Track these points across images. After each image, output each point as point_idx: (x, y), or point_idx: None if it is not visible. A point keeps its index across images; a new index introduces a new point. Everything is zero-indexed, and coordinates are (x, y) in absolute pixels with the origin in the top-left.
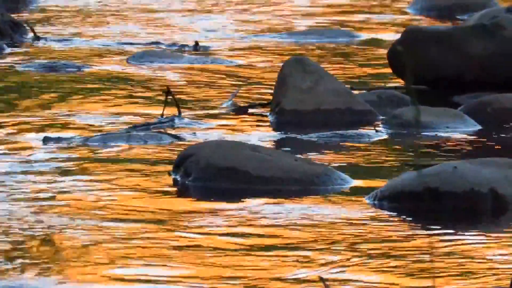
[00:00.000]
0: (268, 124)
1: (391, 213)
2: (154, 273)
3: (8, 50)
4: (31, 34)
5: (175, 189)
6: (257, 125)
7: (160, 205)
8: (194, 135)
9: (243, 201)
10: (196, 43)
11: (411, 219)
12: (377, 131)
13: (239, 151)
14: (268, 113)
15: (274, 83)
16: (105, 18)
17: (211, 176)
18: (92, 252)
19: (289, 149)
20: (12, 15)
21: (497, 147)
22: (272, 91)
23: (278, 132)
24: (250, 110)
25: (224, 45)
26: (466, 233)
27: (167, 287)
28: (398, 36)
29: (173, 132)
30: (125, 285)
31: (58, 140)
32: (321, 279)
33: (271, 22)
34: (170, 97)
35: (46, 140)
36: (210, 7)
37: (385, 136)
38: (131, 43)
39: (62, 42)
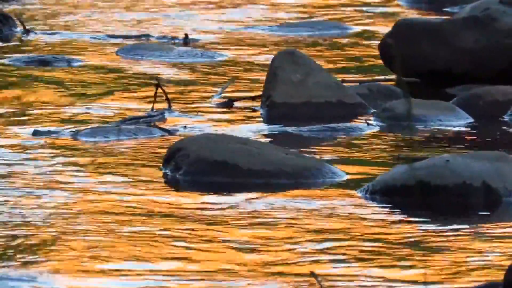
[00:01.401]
0: (258, 117)
1: (383, 206)
2: (142, 267)
3: None
4: (20, 28)
5: (165, 182)
6: (248, 119)
7: (150, 198)
8: (185, 129)
9: (233, 195)
10: (186, 35)
11: (403, 212)
12: (368, 124)
13: (230, 145)
14: (258, 106)
15: (264, 76)
16: (94, 11)
17: (202, 170)
18: (78, 246)
19: (280, 142)
20: (1, 8)
21: (489, 140)
22: (262, 84)
23: (268, 125)
24: (241, 103)
25: (214, 37)
26: (458, 227)
27: (155, 281)
28: (389, 28)
29: (163, 125)
30: (111, 278)
31: (48, 133)
32: (313, 274)
33: (262, 15)
34: (160, 90)
35: (36, 133)
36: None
37: (376, 129)
38: (120, 36)
39: (52, 35)
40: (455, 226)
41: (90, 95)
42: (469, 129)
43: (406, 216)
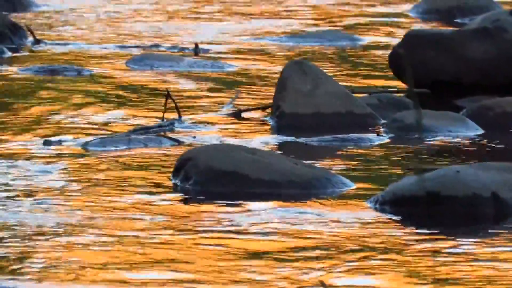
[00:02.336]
0: (268, 127)
1: (393, 217)
2: (155, 277)
3: (8, 53)
4: (30, 38)
5: (175, 192)
6: (258, 129)
7: (160, 208)
8: (194, 139)
9: (243, 205)
10: (196, 45)
11: (412, 223)
12: (378, 134)
13: (239, 155)
14: (268, 117)
15: (274, 86)
16: (104, 21)
17: (211, 179)
18: (91, 256)
19: (289, 152)
20: (12, 19)
21: (499, 151)
22: (272, 95)
23: (278, 136)
24: (250, 114)
25: (224, 48)
26: (468, 238)
27: None
28: (399, 39)
29: (173, 135)
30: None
31: (58, 143)
32: (322, 284)
33: (272, 25)
34: (170, 100)
35: (46, 143)
36: (210, 10)
37: (386, 140)
38: (130, 46)
39: (62, 46)
40: (465, 237)
41: (100, 105)
42: (479, 140)
43: (415, 226)
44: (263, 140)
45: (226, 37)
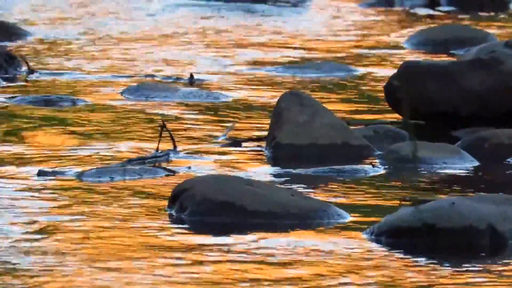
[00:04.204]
0: (264, 158)
1: (389, 248)
2: None
3: (3, 83)
4: (25, 67)
5: (170, 223)
6: (253, 160)
7: (156, 239)
8: (189, 169)
9: (239, 236)
10: (191, 75)
11: (408, 255)
12: (374, 166)
13: (235, 186)
14: (264, 147)
15: (270, 117)
16: (99, 51)
17: (207, 210)
18: (81, 285)
19: (286, 183)
20: (6, 48)
21: (495, 183)
22: (268, 125)
23: (274, 167)
24: (246, 144)
25: (220, 78)
26: (464, 270)
27: None
28: (394, 70)
29: (168, 166)
30: None
31: (53, 173)
32: None
33: (267, 56)
34: (165, 131)
35: (40, 173)
36: (205, 40)
37: (382, 171)
38: (125, 76)
39: (56, 76)
40: (461, 269)
41: (95, 136)
42: (475, 171)
43: (411, 258)
44: (259, 171)
45: (221, 67)
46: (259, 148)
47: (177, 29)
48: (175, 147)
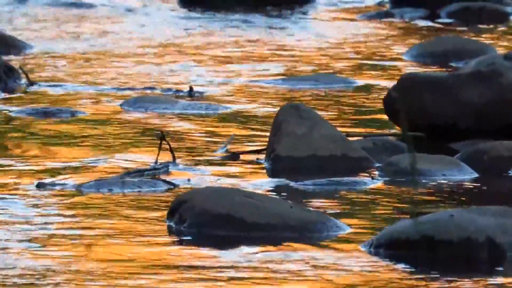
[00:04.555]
0: (263, 170)
1: (387, 261)
2: None
3: (2, 95)
4: (24, 79)
5: (169, 235)
6: (252, 172)
7: (155, 251)
8: (189, 182)
9: (238, 248)
10: (191, 88)
11: (407, 267)
12: (373, 178)
13: (234, 198)
14: (263, 160)
15: (269, 129)
16: (99, 63)
17: (206, 222)
18: None
19: (284, 195)
20: (6, 60)
21: (494, 195)
22: (267, 137)
23: (273, 179)
24: (245, 157)
25: (219, 90)
26: (463, 282)
27: None
28: (393, 82)
29: (167, 178)
30: None
31: (52, 185)
32: None
33: (267, 67)
34: (165, 143)
35: (40, 185)
36: (205, 52)
37: (380, 184)
38: (125, 88)
39: (56, 87)
40: (460, 281)
41: (94, 148)
42: (474, 184)
43: (410, 270)
44: (258, 183)
45: (220, 80)
46: (258, 160)
47: (176, 42)
48: (174, 159)
